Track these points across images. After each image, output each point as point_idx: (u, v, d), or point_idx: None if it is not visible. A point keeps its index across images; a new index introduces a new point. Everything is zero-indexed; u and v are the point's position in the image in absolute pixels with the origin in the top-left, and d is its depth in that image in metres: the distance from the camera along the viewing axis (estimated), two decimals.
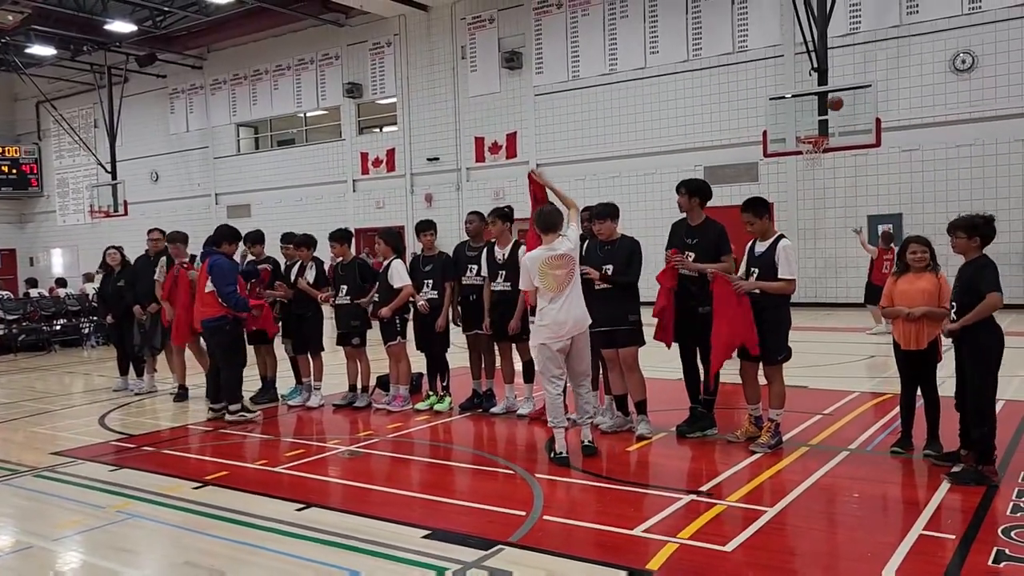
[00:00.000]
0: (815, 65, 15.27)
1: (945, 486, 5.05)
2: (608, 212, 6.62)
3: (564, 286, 5.91)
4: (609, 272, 6.45)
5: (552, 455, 6.00)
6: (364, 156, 24.37)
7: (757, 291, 5.97)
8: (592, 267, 6.43)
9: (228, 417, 7.70)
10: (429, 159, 23.00)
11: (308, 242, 8.55)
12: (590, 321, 6.10)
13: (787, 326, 6.14)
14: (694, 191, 6.49)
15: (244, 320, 7.88)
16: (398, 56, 23.39)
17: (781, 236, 6.10)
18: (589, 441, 6.17)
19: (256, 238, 8.96)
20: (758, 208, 6.14)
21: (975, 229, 5.15)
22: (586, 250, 6.69)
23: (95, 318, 15.19)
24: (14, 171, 32.75)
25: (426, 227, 7.98)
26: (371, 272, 8.29)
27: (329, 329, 8.67)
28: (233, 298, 7.60)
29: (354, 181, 24.56)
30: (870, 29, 16.72)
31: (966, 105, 15.94)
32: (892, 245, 12.95)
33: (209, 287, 7.62)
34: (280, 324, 8.71)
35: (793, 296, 6.17)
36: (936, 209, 15.99)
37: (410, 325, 8.08)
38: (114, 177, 27.35)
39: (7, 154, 32.71)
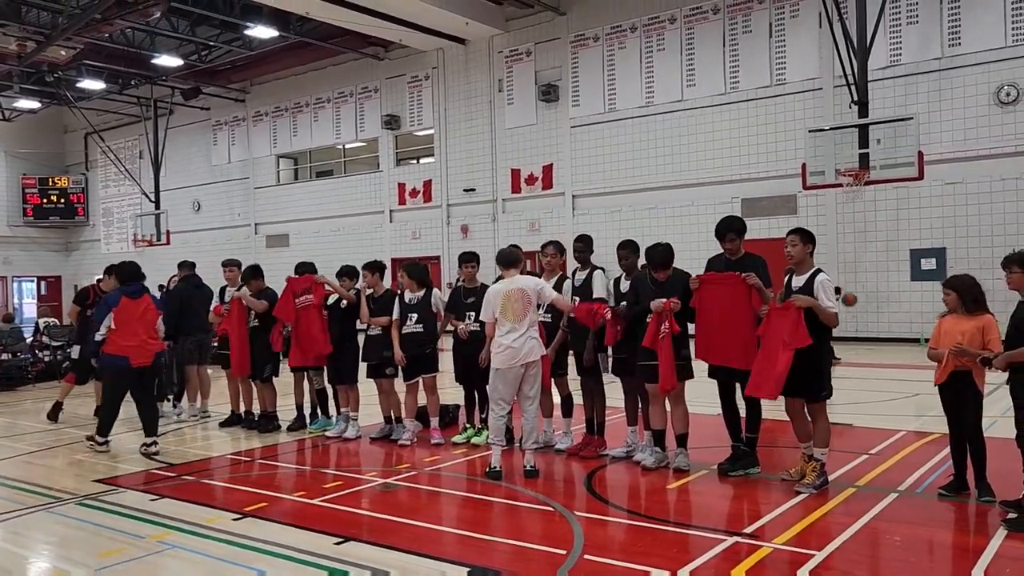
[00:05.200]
0: (855, 98, 15.14)
1: (1001, 533, 4.88)
2: (667, 262, 6.53)
3: (522, 318, 6.43)
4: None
5: (488, 470, 6.52)
6: (401, 187, 24.63)
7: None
8: (647, 302, 6.46)
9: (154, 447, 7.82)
10: (465, 190, 23.17)
11: (350, 273, 8.59)
12: (543, 352, 6.68)
13: (829, 363, 6.02)
14: (742, 230, 6.45)
15: None
16: (436, 89, 23.70)
17: (819, 270, 6.01)
18: (531, 466, 6.57)
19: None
20: (805, 234, 6.08)
21: None
22: (639, 283, 6.69)
23: None
24: (62, 201, 33.68)
25: (468, 259, 7.96)
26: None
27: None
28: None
29: (391, 212, 24.81)
30: (911, 61, 16.56)
31: (1011, 138, 15.67)
32: None
33: (160, 323, 8.07)
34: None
35: (834, 331, 6.06)
36: (981, 244, 15.68)
37: (445, 356, 8.09)
38: (157, 207, 27.95)
39: (56, 184, 33.68)
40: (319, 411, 8.97)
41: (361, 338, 8.44)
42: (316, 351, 8.39)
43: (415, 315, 7.90)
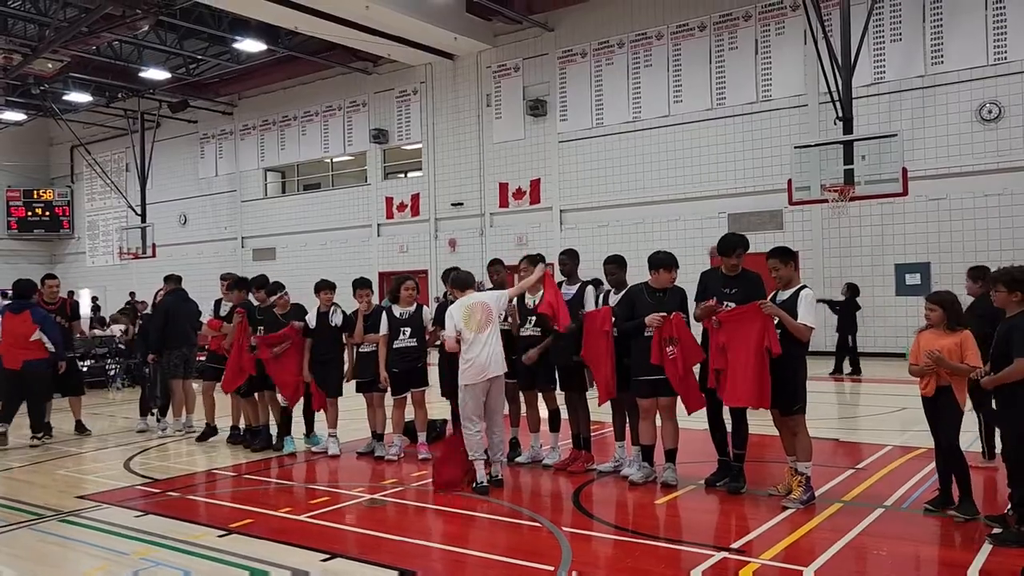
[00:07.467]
0: (840, 114, 15.29)
1: (987, 548, 4.90)
2: (672, 263, 6.59)
3: (485, 327, 6.63)
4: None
5: (474, 486, 6.58)
6: (389, 201, 24.62)
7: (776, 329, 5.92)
8: (643, 315, 6.43)
9: (35, 442, 9.13)
10: (453, 204, 23.18)
11: (330, 286, 8.51)
12: (505, 368, 6.82)
13: (803, 377, 6.04)
14: (748, 246, 6.40)
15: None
16: (424, 103, 23.76)
17: (804, 286, 6.07)
18: (498, 476, 6.79)
19: (260, 283, 8.86)
20: (784, 255, 6.15)
21: (1016, 284, 5.05)
22: (635, 297, 6.65)
23: (121, 359, 15.33)
24: (47, 213, 33.49)
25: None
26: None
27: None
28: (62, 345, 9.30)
29: (379, 225, 24.79)
30: (895, 79, 16.75)
31: (993, 155, 15.86)
32: None
33: (37, 335, 8.97)
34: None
35: (820, 345, 6.10)
36: (965, 259, 15.74)
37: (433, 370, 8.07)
38: (143, 220, 27.82)
39: (41, 197, 33.48)
40: (290, 431, 8.81)
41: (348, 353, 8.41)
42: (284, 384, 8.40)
43: (408, 329, 7.85)
